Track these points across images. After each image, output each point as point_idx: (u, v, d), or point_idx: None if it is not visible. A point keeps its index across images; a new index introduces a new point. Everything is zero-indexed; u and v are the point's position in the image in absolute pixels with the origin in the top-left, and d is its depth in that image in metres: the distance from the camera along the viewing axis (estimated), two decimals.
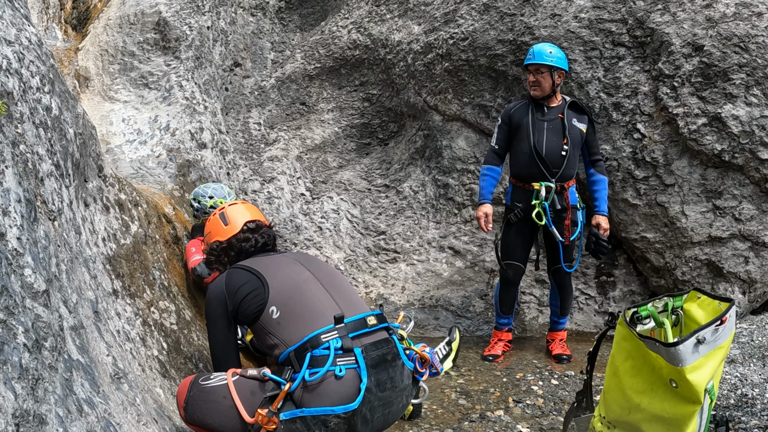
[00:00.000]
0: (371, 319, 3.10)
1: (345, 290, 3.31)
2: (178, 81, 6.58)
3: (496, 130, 5.38)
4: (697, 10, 5.63)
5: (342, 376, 2.84)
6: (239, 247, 3.59)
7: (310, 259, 3.49)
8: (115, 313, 3.28)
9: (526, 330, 6.11)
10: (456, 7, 6.67)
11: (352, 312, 3.11)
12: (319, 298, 3.15)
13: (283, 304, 3.10)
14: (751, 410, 4.16)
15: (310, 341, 2.94)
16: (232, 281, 3.26)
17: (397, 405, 3.05)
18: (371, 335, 3.06)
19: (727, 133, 5.45)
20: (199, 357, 4.06)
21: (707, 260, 5.67)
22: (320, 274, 3.31)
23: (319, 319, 3.03)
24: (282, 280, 3.20)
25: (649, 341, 3.07)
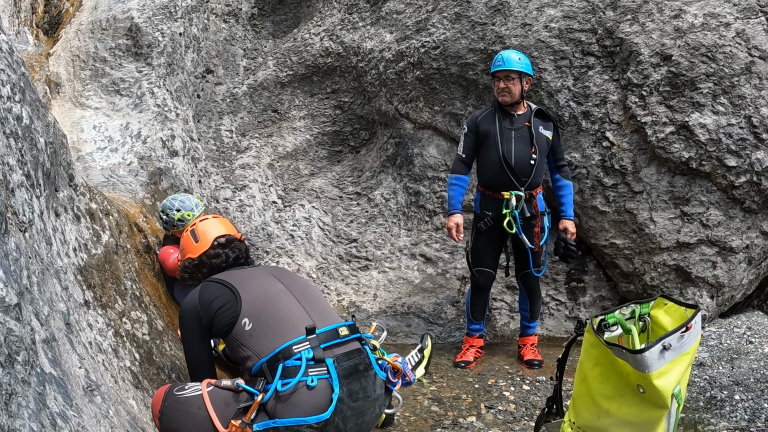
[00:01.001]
0: (343, 330, 3.12)
1: (317, 301, 3.33)
2: (149, 88, 6.54)
3: (462, 139, 5.39)
4: (666, 20, 5.72)
5: (314, 387, 2.86)
6: (210, 264, 3.60)
7: (283, 272, 3.51)
8: (87, 325, 3.27)
9: (497, 336, 6.16)
10: (428, 15, 6.71)
11: (324, 323, 3.13)
12: (291, 310, 3.17)
13: (256, 316, 3.12)
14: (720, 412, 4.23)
15: (282, 352, 2.95)
16: (205, 295, 3.28)
17: (370, 415, 3.06)
18: (343, 345, 3.08)
19: (695, 141, 5.53)
20: (171, 367, 4.04)
21: (676, 265, 5.75)
22: (293, 286, 3.33)
23: (291, 330, 3.05)
24: (254, 292, 3.23)
25: (616, 348, 3.12)
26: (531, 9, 6.12)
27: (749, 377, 4.59)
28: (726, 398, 4.35)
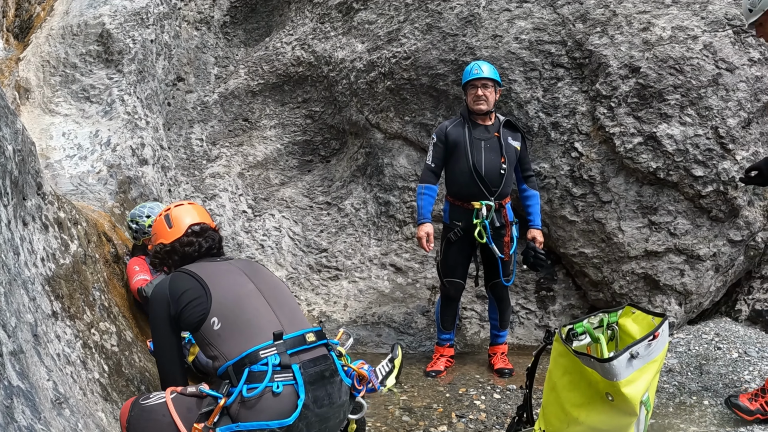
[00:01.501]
0: (310, 336, 3.12)
1: (287, 304, 3.31)
2: (120, 95, 6.47)
3: (431, 148, 5.38)
4: (635, 33, 5.80)
5: (279, 393, 2.86)
6: (182, 252, 3.54)
7: (255, 270, 3.45)
8: (55, 336, 3.23)
9: (468, 345, 6.17)
10: (399, 26, 6.74)
11: (292, 328, 3.12)
12: (260, 313, 3.15)
13: (224, 317, 3.09)
14: (689, 417, 4.28)
15: (248, 356, 2.95)
16: (176, 285, 3.25)
17: (334, 420, 3.08)
18: (310, 352, 3.08)
19: (662, 152, 5.60)
20: (141, 379, 4.00)
21: (644, 274, 5.81)
22: (264, 287, 3.30)
23: (259, 334, 3.03)
24: (225, 291, 3.19)
25: (584, 357, 3.15)
26: (502, 21, 6.17)
27: (718, 383, 4.65)
28: (695, 404, 4.40)
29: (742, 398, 4.08)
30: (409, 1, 6.82)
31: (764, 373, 4.68)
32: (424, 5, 6.64)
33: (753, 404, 4.02)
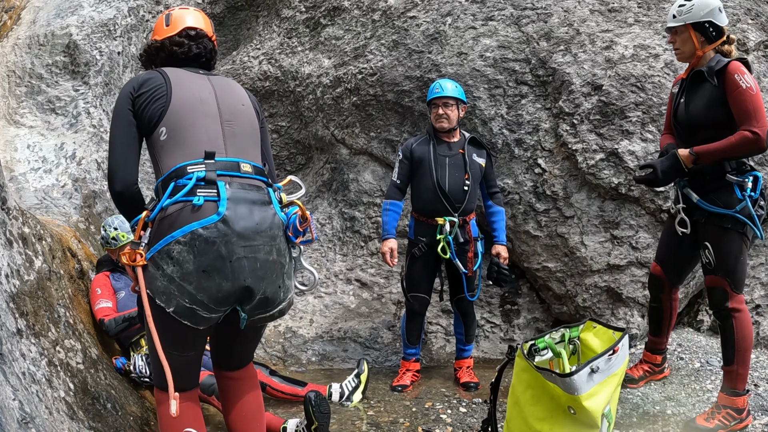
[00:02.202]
0: (246, 166, 2.96)
1: (242, 135, 3.09)
2: (86, 107, 6.40)
3: (397, 165, 5.45)
4: (598, 51, 5.91)
5: (200, 206, 2.72)
6: (170, 50, 3.28)
7: (229, 92, 3.19)
8: (20, 354, 3.20)
9: (434, 359, 6.18)
10: (366, 42, 6.78)
11: (234, 155, 2.98)
12: (208, 136, 2.96)
13: (172, 129, 2.92)
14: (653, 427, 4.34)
15: (176, 171, 2.84)
16: (146, 76, 3.07)
17: (264, 254, 2.82)
18: (242, 179, 2.92)
19: (624, 168, 5.70)
20: (107, 397, 3.96)
21: (607, 287, 5.89)
22: (226, 111, 3.09)
23: (196, 152, 2.89)
24: (183, 102, 2.98)
25: (545, 372, 3.21)
26: (467, 38, 6.25)
27: (680, 392, 4.72)
28: (658, 413, 4.46)
29: (699, 420, 4.14)
30: (376, 18, 6.87)
31: None
32: (391, 22, 6.69)
33: (711, 422, 4.08)
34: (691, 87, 4.17)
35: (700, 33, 4.08)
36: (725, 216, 3.98)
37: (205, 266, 2.67)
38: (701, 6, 4.04)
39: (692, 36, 4.08)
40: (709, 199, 4.04)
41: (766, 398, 4.55)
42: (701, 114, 4.04)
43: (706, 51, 4.10)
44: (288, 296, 3.04)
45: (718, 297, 4.06)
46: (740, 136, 3.83)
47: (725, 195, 4.00)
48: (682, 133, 4.23)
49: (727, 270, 4.02)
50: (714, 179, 4.04)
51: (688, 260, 4.48)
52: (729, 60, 3.99)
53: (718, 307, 4.07)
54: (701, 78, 4.08)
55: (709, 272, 4.09)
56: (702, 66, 4.11)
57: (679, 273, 4.57)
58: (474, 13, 6.37)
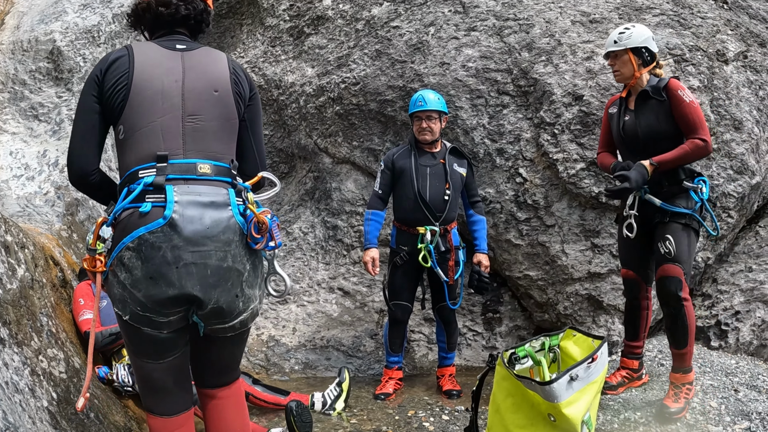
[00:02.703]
0: (204, 167, 2.73)
1: (207, 133, 2.82)
2: (69, 114, 6.33)
3: (379, 175, 5.49)
4: (579, 62, 5.97)
5: (146, 212, 2.58)
6: (156, 11, 3.00)
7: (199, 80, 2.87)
8: (3, 364, 3.19)
9: (416, 367, 6.20)
10: (349, 51, 6.82)
11: (191, 155, 2.75)
12: (165, 135, 2.74)
13: (128, 129, 2.74)
14: None
15: (128, 176, 2.71)
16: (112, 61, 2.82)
17: (217, 261, 2.64)
18: (199, 183, 2.71)
19: (604, 177, 5.75)
20: (90, 406, 3.95)
21: (588, 295, 5.94)
22: (192, 107, 2.81)
23: (150, 154, 2.71)
24: (142, 98, 2.76)
25: (525, 380, 3.25)
26: (449, 48, 6.30)
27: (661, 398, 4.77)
28: (639, 419, 4.49)
29: (669, 403, 4.43)
30: (359, 27, 6.91)
31: (706, 388, 4.81)
32: (374, 32, 6.73)
33: (680, 401, 4.44)
34: (638, 105, 4.58)
35: (637, 56, 4.56)
36: (686, 215, 4.39)
37: (152, 272, 2.55)
38: (639, 34, 4.54)
39: (631, 59, 4.55)
40: (671, 203, 4.43)
41: (746, 403, 4.60)
42: (653, 128, 4.47)
43: (642, 73, 4.56)
44: (250, 306, 2.82)
45: (675, 286, 4.35)
46: (693, 144, 4.31)
47: (682, 200, 4.44)
48: (631, 147, 4.60)
49: (682, 259, 4.38)
50: (671, 185, 4.45)
51: (650, 256, 4.74)
52: (669, 78, 4.48)
53: (673, 297, 4.37)
54: (646, 96, 4.52)
55: (668, 261, 4.39)
56: (641, 86, 4.57)
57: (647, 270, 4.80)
58: (457, 24, 6.43)
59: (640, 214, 4.55)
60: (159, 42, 2.94)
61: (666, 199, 4.43)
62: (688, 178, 4.44)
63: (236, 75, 2.95)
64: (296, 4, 7.45)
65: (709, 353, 5.55)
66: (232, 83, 2.91)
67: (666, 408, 4.38)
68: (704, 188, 4.42)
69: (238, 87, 2.93)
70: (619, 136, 4.65)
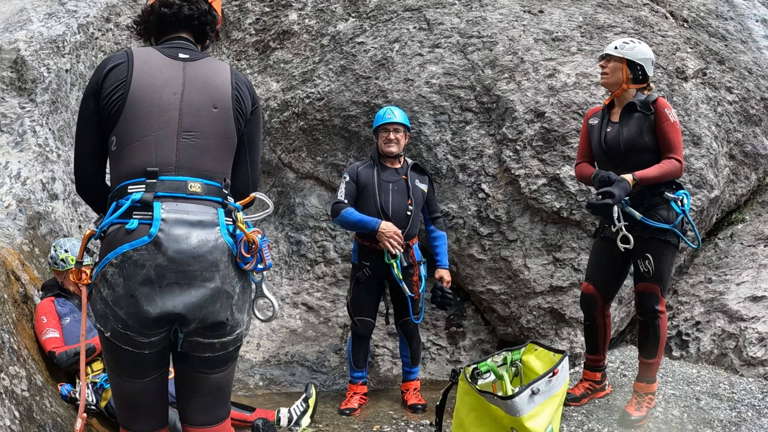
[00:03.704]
0: (194, 186, 2.64)
1: (203, 150, 2.72)
2: (32, 126, 6.23)
3: (343, 186, 5.43)
4: (541, 79, 6.07)
5: (133, 229, 2.51)
6: (159, 12, 2.90)
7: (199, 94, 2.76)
8: None
9: (381, 382, 6.21)
10: (314, 66, 6.84)
11: (183, 172, 2.66)
12: (158, 152, 2.65)
13: (121, 141, 2.66)
14: None
15: (118, 190, 2.64)
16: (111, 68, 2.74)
17: (202, 281, 2.55)
18: (188, 202, 2.62)
19: (565, 192, 5.85)
20: (53, 425, 3.89)
21: (550, 308, 6.01)
22: (189, 123, 2.71)
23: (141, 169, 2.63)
24: (138, 111, 2.67)
25: (488, 395, 3.30)
26: (414, 65, 6.36)
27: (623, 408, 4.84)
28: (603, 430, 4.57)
29: (631, 411, 4.52)
30: (324, 43, 6.95)
31: (668, 397, 4.90)
32: (339, 47, 6.78)
33: (642, 410, 4.52)
34: (623, 117, 4.60)
35: (630, 70, 4.57)
36: (667, 230, 4.42)
37: (134, 290, 2.47)
38: (641, 51, 4.56)
39: (624, 69, 4.57)
40: (651, 215, 4.45)
41: (707, 411, 4.69)
42: (636, 141, 4.49)
43: (629, 87, 4.60)
44: (236, 331, 2.71)
45: (651, 301, 4.47)
46: (670, 164, 4.39)
47: (664, 211, 4.46)
48: (611, 158, 4.61)
49: (661, 278, 4.47)
50: (652, 197, 4.48)
51: (620, 276, 4.84)
52: (658, 96, 4.56)
53: (649, 310, 4.49)
54: (633, 109, 4.56)
55: (645, 280, 4.49)
56: (627, 99, 4.61)
57: (611, 290, 4.87)
58: (421, 40, 6.50)
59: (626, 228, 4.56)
60: (162, 49, 2.84)
61: (647, 210, 4.47)
62: (668, 190, 4.50)
63: (239, 90, 2.82)
64: (262, 18, 7.47)
65: (670, 363, 5.63)
66: (233, 99, 2.79)
67: (628, 415, 4.46)
68: (686, 200, 4.49)
69: (239, 103, 2.81)
70: (599, 147, 4.67)
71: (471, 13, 6.75)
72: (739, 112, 6.78)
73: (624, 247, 4.49)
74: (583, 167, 4.84)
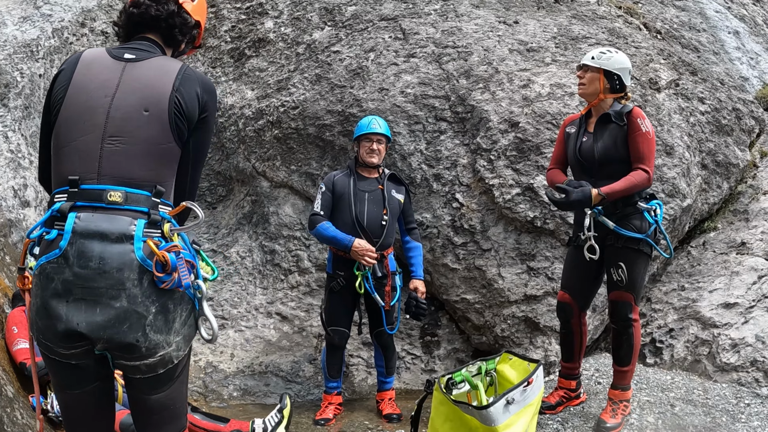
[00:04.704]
0: (114, 195, 2.48)
1: (129, 156, 2.55)
2: (3, 131, 6.14)
3: (319, 197, 5.44)
4: (515, 89, 6.10)
5: (51, 240, 2.43)
6: (128, 11, 2.82)
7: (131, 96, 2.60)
8: None
9: (355, 392, 6.17)
10: (289, 75, 6.83)
11: (105, 180, 2.51)
12: (82, 157, 2.53)
13: (55, 147, 2.59)
14: None
15: (52, 198, 2.55)
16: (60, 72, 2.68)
17: (108, 299, 2.40)
18: (106, 212, 2.48)
19: (539, 202, 5.88)
20: None
21: (524, 317, 6.00)
22: (115, 127, 2.55)
23: (67, 176, 2.52)
24: (70, 114, 2.57)
25: (462, 405, 3.30)
26: (389, 74, 6.38)
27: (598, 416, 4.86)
28: None
29: (606, 418, 4.53)
30: (300, 51, 6.94)
31: (643, 404, 4.94)
32: (315, 56, 6.78)
33: (617, 417, 4.54)
34: (598, 128, 4.63)
35: (607, 80, 4.59)
36: (640, 240, 4.46)
37: (47, 303, 2.40)
38: (618, 61, 4.59)
39: (601, 79, 4.58)
40: (624, 224, 4.48)
41: (682, 417, 4.74)
42: (609, 152, 4.52)
43: (606, 97, 4.62)
44: (158, 353, 2.50)
45: (625, 309, 4.52)
46: (638, 175, 4.41)
47: (637, 220, 4.50)
48: (585, 167, 4.65)
49: (635, 287, 4.52)
50: (625, 206, 4.52)
51: (594, 284, 4.87)
52: (633, 106, 4.57)
53: (623, 318, 4.53)
54: (607, 120, 4.57)
55: (619, 289, 4.53)
56: (603, 109, 4.63)
57: (587, 297, 4.91)
58: (396, 50, 6.52)
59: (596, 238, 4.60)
60: (113, 49, 2.73)
61: (619, 220, 4.50)
62: (642, 199, 4.53)
63: (180, 93, 2.61)
64: (238, 26, 7.46)
65: (645, 370, 5.68)
66: (171, 102, 2.59)
67: (603, 423, 4.48)
68: (658, 210, 4.53)
69: (179, 107, 2.60)
70: (574, 156, 4.70)
71: (447, 24, 6.78)
72: (711, 122, 6.87)
73: (590, 257, 4.55)
74: (554, 173, 4.88)
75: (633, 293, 4.50)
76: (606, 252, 4.56)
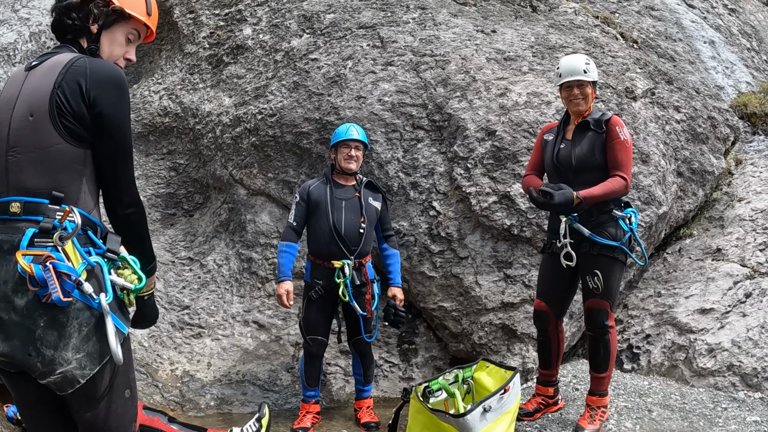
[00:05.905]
0: (14, 206, 2.42)
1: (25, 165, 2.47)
2: None
3: (294, 207, 5.47)
4: (492, 98, 6.13)
5: None
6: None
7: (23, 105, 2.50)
8: None
9: (333, 400, 6.14)
10: (267, 82, 6.81)
11: (11, 193, 2.46)
12: None
13: None
14: None
15: None
16: None
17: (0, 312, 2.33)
18: (7, 224, 2.43)
19: (516, 210, 5.91)
20: None
21: (502, 324, 6.02)
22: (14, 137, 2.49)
23: None
24: None
25: (440, 414, 3.31)
26: (366, 82, 6.38)
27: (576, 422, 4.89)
28: None
29: (584, 424, 4.56)
30: (278, 58, 6.93)
31: (620, 409, 4.97)
32: (293, 63, 6.76)
33: (595, 423, 4.55)
34: (576, 135, 4.68)
35: (594, 90, 4.70)
36: (615, 247, 4.50)
37: None
38: (595, 68, 4.70)
39: (592, 91, 4.68)
40: (599, 232, 4.52)
41: (660, 422, 4.78)
42: (587, 159, 4.57)
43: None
44: (57, 370, 2.34)
45: (601, 317, 4.55)
46: (616, 182, 4.45)
47: (612, 228, 4.55)
48: (562, 174, 4.67)
49: (610, 294, 4.55)
50: (600, 214, 4.57)
51: (569, 291, 4.90)
52: (612, 114, 4.63)
53: (599, 325, 4.56)
54: (586, 127, 4.64)
55: (595, 296, 4.57)
56: (585, 117, 4.68)
57: (563, 305, 4.94)
58: (374, 58, 6.52)
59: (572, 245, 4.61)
60: (31, 61, 2.63)
61: (594, 227, 4.53)
62: (617, 207, 4.58)
63: (62, 89, 2.43)
64: (216, 32, 7.43)
65: (622, 376, 5.72)
66: (51, 102, 2.42)
67: (581, 429, 4.50)
68: (633, 218, 4.57)
69: (60, 106, 2.42)
70: (552, 163, 4.74)
71: (425, 32, 6.81)
72: (686, 130, 6.95)
73: (566, 264, 4.58)
74: (530, 179, 4.91)
75: (609, 300, 4.53)
76: (581, 259, 4.58)
